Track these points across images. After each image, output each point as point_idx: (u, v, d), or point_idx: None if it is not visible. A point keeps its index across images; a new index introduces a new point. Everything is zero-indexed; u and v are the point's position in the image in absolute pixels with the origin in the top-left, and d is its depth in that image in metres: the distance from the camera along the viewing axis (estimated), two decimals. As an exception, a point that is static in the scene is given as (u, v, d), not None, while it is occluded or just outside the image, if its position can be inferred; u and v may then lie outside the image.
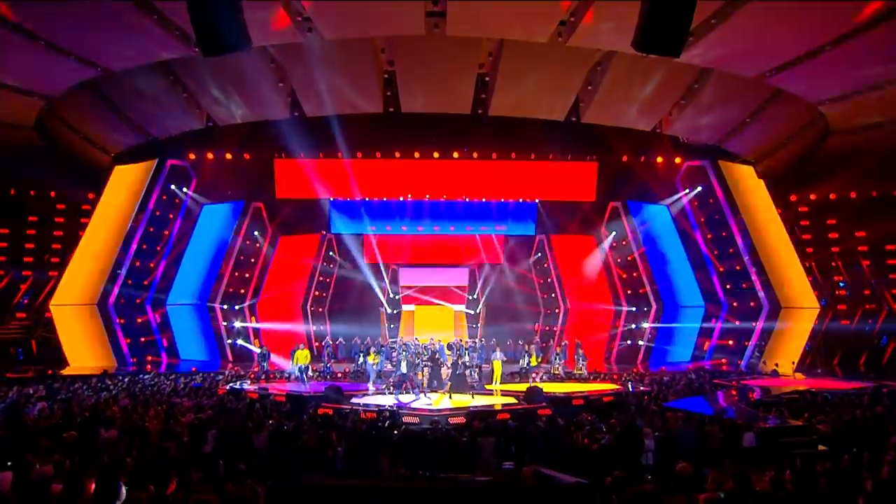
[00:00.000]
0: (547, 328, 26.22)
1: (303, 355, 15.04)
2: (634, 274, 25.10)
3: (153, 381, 15.50)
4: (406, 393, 13.12)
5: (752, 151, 20.71)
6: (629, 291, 25.15)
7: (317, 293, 26.16)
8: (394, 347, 19.74)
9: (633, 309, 24.68)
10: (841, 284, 22.76)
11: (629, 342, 24.68)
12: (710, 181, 22.22)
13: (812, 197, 22.52)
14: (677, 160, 21.83)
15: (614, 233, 26.02)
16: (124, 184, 21.12)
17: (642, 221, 24.72)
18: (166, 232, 22.47)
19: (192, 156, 21.44)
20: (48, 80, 15.32)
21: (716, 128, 19.61)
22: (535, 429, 8.63)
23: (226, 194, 23.69)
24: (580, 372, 16.59)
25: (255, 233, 25.73)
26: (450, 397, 13.05)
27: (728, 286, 22.55)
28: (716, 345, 22.49)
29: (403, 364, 13.62)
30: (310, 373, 15.38)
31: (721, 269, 22.83)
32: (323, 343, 21.07)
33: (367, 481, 5.65)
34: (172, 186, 21.99)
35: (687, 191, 22.84)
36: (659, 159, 21.77)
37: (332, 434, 8.18)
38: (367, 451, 7.58)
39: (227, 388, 13.94)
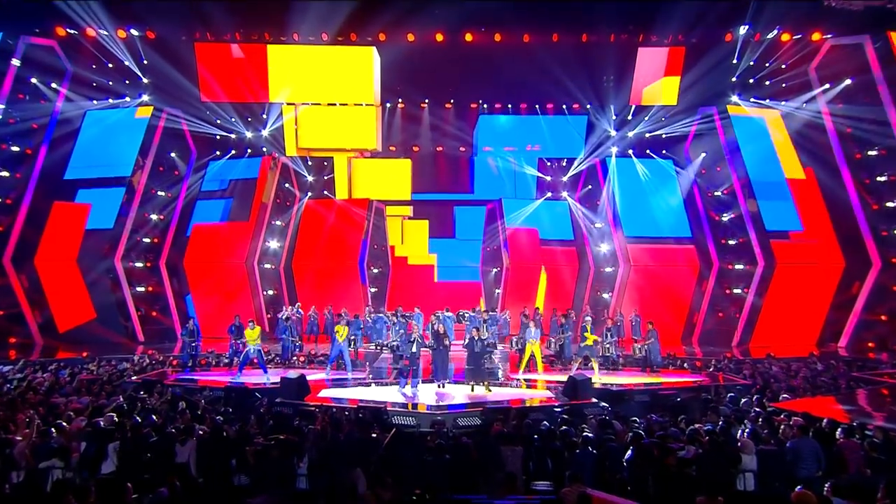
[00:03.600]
0: (598, 293, 25.93)
1: (252, 335, 15.02)
2: (733, 215, 23.97)
3: (21, 374, 15.04)
4: (409, 384, 13.40)
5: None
6: (724, 241, 24.14)
7: (267, 243, 25.53)
8: (377, 319, 19.58)
9: (730, 266, 23.75)
10: None
11: (721, 314, 24.06)
12: (870, 67, 20.46)
13: None
14: (815, 36, 20.44)
15: (704, 154, 25.03)
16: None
17: (750, 136, 23.28)
18: (29, 151, 21.50)
19: (60, 31, 20.16)
20: None
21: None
22: (581, 434, 8.72)
23: (121, 94, 22.69)
24: (608, 353, 16.97)
25: (172, 154, 24.95)
26: (472, 389, 13.50)
27: (884, 232, 21.42)
28: (859, 320, 21.66)
29: (414, 344, 13.70)
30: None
31: (875, 208, 21.69)
32: (278, 315, 21.02)
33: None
34: (34, 80, 20.89)
35: (827, 86, 21.55)
36: (785, 37, 20.51)
37: (291, 441, 8.28)
38: (340, 465, 7.72)
39: (139, 379, 14.06)
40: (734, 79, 22.69)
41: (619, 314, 21.21)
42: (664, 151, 26.08)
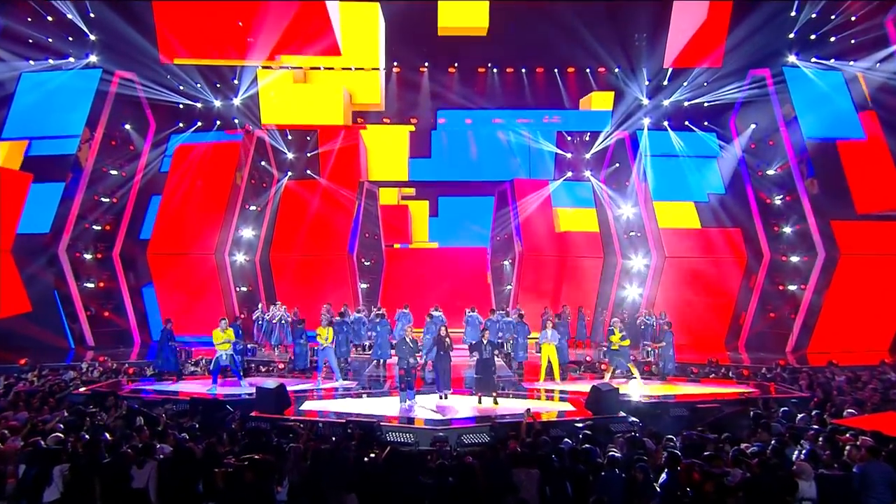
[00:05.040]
0: (626, 288, 25.31)
1: (222, 337, 15.09)
2: (788, 198, 23.14)
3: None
4: (409, 397, 13.50)
5: None
6: (777, 228, 23.40)
7: (240, 232, 24.86)
8: (356, 319, 19.38)
9: (784, 257, 22.97)
10: None
11: (773, 314, 23.40)
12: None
13: None
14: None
15: (754, 125, 24.45)
16: None
17: (809, 103, 22.35)
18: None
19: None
20: None
21: None
22: (607, 455, 8.81)
23: (64, 54, 21.97)
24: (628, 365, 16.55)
25: (127, 126, 24.44)
26: (479, 401, 13.71)
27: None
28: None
29: (406, 350, 13.86)
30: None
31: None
32: (254, 317, 21.18)
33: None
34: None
35: (905, 42, 20.78)
36: (855, -15, 19.95)
37: (268, 462, 8.29)
38: (326, 488, 7.85)
39: (88, 391, 14.06)
40: (792, 35, 21.88)
41: (662, 314, 21.08)
42: (706, 123, 25.78)
